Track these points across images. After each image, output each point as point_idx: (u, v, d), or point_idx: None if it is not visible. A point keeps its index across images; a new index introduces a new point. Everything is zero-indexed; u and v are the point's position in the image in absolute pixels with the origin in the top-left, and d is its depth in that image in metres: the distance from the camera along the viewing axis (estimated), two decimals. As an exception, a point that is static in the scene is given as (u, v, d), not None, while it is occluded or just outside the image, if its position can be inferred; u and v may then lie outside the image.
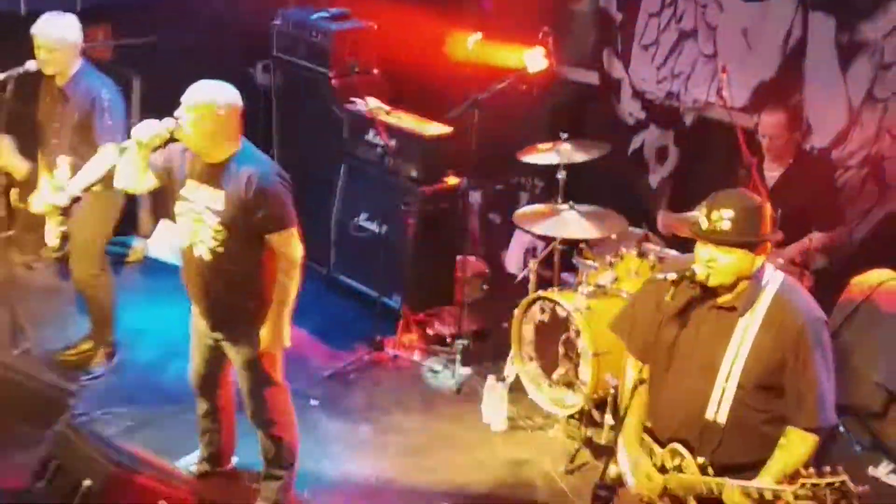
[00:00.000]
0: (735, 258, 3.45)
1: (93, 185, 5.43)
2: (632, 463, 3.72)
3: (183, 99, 4.30)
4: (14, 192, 6.27)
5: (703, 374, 3.53)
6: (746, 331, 3.48)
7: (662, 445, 3.65)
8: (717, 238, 3.44)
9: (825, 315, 3.60)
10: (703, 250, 3.49)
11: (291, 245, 4.37)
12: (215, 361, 4.70)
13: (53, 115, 5.56)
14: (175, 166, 4.46)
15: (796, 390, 3.46)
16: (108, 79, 5.62)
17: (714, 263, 3.46)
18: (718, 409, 3.50)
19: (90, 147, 5.44)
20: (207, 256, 4.37)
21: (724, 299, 3.52)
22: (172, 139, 4.34)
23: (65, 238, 5.76)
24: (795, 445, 3.47)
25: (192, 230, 4.38)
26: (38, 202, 5.74)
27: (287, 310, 4.42)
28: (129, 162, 4.45)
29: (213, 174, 4.34)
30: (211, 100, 4.28)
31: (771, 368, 3.46)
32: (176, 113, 4.30)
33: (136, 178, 4.48)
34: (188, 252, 4.45)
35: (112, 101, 5.49)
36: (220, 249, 4.35)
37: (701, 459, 3.53)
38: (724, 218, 3.42)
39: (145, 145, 4.34)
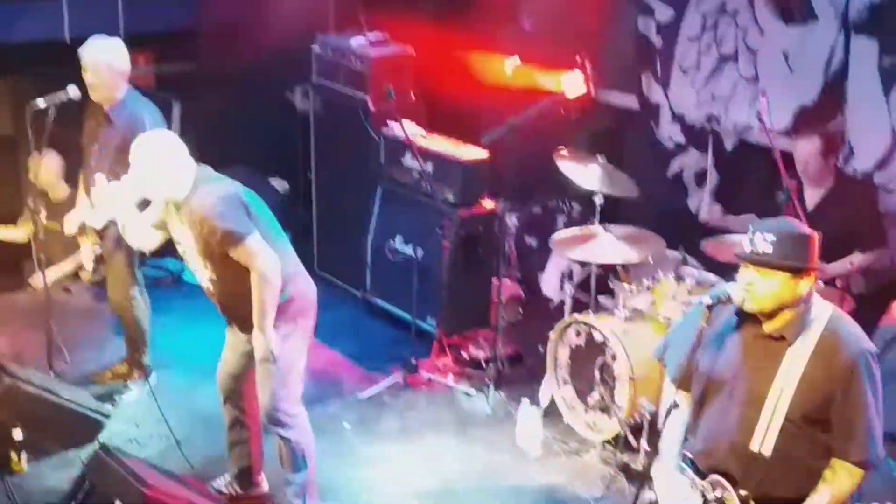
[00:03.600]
0: (775, 283, 3.39)
1: None
2: (666, 490, 3.64)
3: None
4: (43, 214, 6.33)
5: (749, 405, 3.46)
6: (795, 362, 3.41)
7: (703, 475, 3.58)
8: (757, 259, 3.38)
9: (875, 347, 3.50)
10: (744, 273, 3.43)
11: (252, 256, 4.38)
12: (243, 359, 4.73)
13: (96, 137, 5.60)
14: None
15: (844, 424, 3.39)
16: (153, 105, 5.66)
17: (752, 287, 3.40)
18: (764, 440, 3.43)
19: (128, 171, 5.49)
20: (209, 286, 4.62)
21: (771, 328, 3.45)
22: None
23: (99, 261, 5.79)
24: (841, 479, 3.41)
25: (191, 267, 4.66)
26: (72, 224, 5.78)
27: (267, 321, 4.41)
28: (132, 225, 4.76)
29: (184, 211, 4.50)
30: (151, 141, 4.57)
31: (819, 401, 3.39)
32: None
33: (144, 238, 4.83)
34: (196, 285, 4.73)
35: (154, 126, 5.47)
36: (215, 277, 4.56)
37: (744, 492, 3.46)
38: (766, 240, 3.37)
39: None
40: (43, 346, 5.65)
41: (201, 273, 4.60)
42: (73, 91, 5.43)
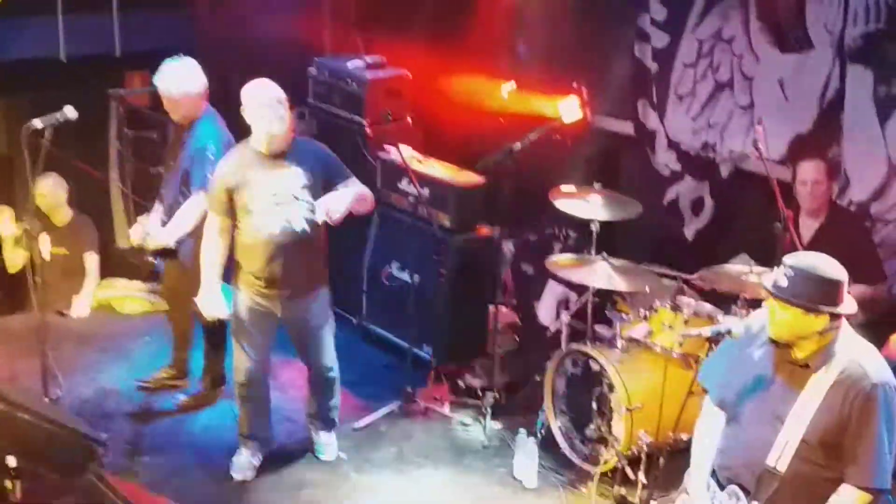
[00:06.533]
0: (789, 316, 3.56)
1: (182, 235, 5.55)
2: (691, 501, 3.82)
3: (277, 96, 4.96)
4: (45, 239, 6.32)
5: (769, 423, 3.64)
6: (817, 387, 3.57)
7: (722, 487, 3.75)
8: (771, 291, 3.59)
9: None
10: (767, 301, 3.66)
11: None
12: (272, 342, 5.26)
13: (175, 155, 5.70)
14: (238, 179, 4.95)
15: (854, 449, 3.53)
16: (224, 130, 5.65)
17: (772, 316, 3.62)
18: (780, 457, 3.59)
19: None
20: (308, 228, 4.96)
21: (797, 355, 3.62)
22: None
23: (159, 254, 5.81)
24: (846, 501, 3.54)
25: (287, 213, 4.92)
26: (136, 234, 5.81)
27: None
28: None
29: (284, 158, 4.96)
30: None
31: (835, 426, 3.54)
32: (276, 109, 4.89)
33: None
34: (278, 236, 4.93)
35: (216, 152, 5.47)
36: (314, 219, 4.94)
37: (755, 503, 3.63)
38: (785, 275, 3.56)
39: None
40: (37, 371, 5.62)
41: (303, 215, 4.93)
42: (69, 112, 5.40)
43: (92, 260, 7.14)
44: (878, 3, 5.67)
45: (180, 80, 5.56)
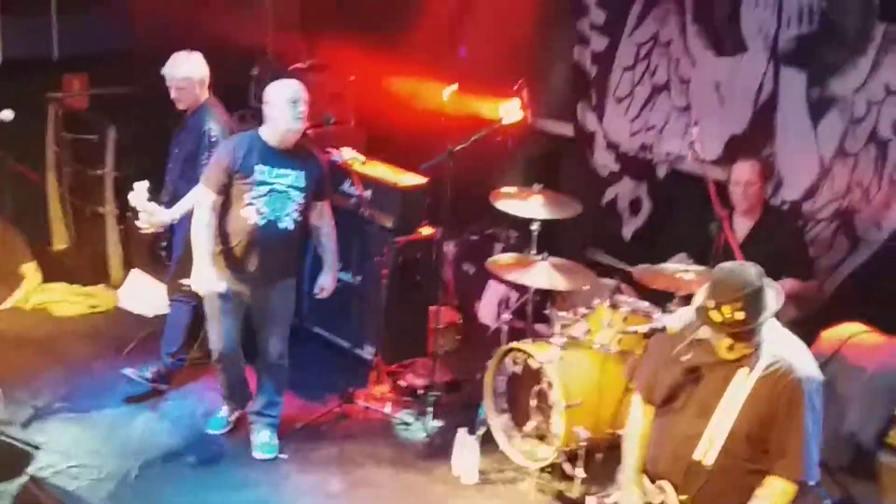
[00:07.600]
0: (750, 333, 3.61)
1: (182, 215, 5.64)
2: (622, 494, 3.88)
3: (302, 96, 5.24)
4: None
5: (697, 417, 3.69)
6: (744, 381, 3.62)
7: (653, 482, 3.81)
8: (737, 330, 3.58)
9: (822, 377, 3.70)
10: (718, 336, 3.64)
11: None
12: (240, 321, 5.42)
13: (177, 141, 5.89)
14: (241, 163, 5.16)
15: (782, 442, 3.59)
16: (226, 117, 5.88)
17: (734, 347, 3.63)
18: (707, 452, 3.64)
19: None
20: (291, 226, 5.25)
21: (729, 356, 3.66)
22: None
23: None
24: (773, 493, 3.60)
25: (275, 208, 5.18)
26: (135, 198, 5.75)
27: None
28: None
29: (290, 158, 5.23)
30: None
31: (762, 420, 3.59)
32: (297, 107, 5.18)
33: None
34: (262, 228, 5.18)
35: (218, 139, 5.67)
36: (300, 219, 5.26)
37: (683, 497, 3.67)
38: (736, 309, 3.54)
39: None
40: (-28, 376, 5.56)
41: (290, 214, 5.21)
42: (6, 114, 5.39)
43: (29, 268, 7.13)
44: (811, 7, 5.80)
45: (184, 66, 5.76)
